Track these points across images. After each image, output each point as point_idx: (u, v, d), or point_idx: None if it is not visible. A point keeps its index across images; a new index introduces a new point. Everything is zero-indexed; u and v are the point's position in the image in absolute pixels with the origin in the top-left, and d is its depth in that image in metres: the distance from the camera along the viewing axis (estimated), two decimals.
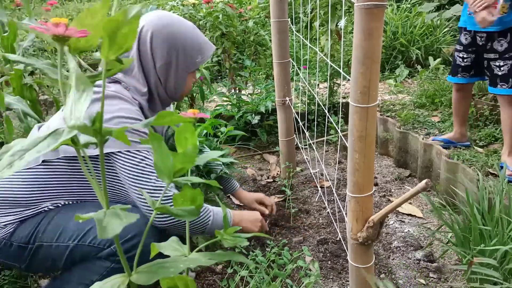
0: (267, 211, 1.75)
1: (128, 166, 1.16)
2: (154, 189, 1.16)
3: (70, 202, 1.25)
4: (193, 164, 0.49)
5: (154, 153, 0.49)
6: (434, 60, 3.83)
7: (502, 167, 2.13)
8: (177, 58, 1.29)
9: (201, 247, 0.56)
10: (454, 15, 4.49)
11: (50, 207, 1.22)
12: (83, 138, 0.43)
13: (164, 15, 1.30)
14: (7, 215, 1.20)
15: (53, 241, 1.17)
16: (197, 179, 0.52)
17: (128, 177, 1.17)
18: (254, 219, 1.47)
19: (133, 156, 1.17)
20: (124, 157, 1.16)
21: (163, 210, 0.50)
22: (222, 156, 2.17)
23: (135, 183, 1.16)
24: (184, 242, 0.59)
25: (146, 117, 1.29)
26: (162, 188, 1.17)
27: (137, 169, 1.16)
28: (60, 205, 1.23)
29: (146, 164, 1.17)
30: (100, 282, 0.48)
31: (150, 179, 1.16)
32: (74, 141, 0.42)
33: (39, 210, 1.21)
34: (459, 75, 2.37)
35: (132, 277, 0.46)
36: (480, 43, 2.22)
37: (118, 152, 1.16)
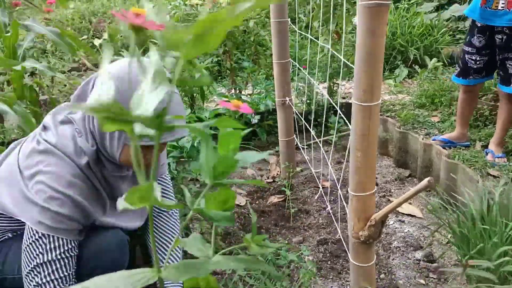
0: None
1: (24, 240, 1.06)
2: (26, 276, 1.04)
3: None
4: (234, 169, 0.49)
5: (201, 152, 0.49)
6: (433, 60, 3.83)
7: (487, 153, 2.31)
8: None
9: (225, 251, 0.56)
10: (453, 15, 4.50)
11: (9, 235, 1.20)
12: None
13: (129, 66, 1.01)
14: None
15: (14, 273, 1.14)
16: (239, 180, 0.53)
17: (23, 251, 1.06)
18: None
19: (28, 232, 1.04)
20: (27, 230, 1.04)
21: (198, 210, 0.50)
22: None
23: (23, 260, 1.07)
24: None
25: (93, 174, 1.09)
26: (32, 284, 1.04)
27: (26, 246, 1.05)
28: (18, 233, 1.19)
29: (33, 247, 1.03)
30: (126, 272, 0.48)
31: (28, 265, 1.04)
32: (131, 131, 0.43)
33: (1, 240, 1.20)
34: (470, 77, 2.35)
35: (162, 273, 0.46)
36: (498, 43, 2.20)
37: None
